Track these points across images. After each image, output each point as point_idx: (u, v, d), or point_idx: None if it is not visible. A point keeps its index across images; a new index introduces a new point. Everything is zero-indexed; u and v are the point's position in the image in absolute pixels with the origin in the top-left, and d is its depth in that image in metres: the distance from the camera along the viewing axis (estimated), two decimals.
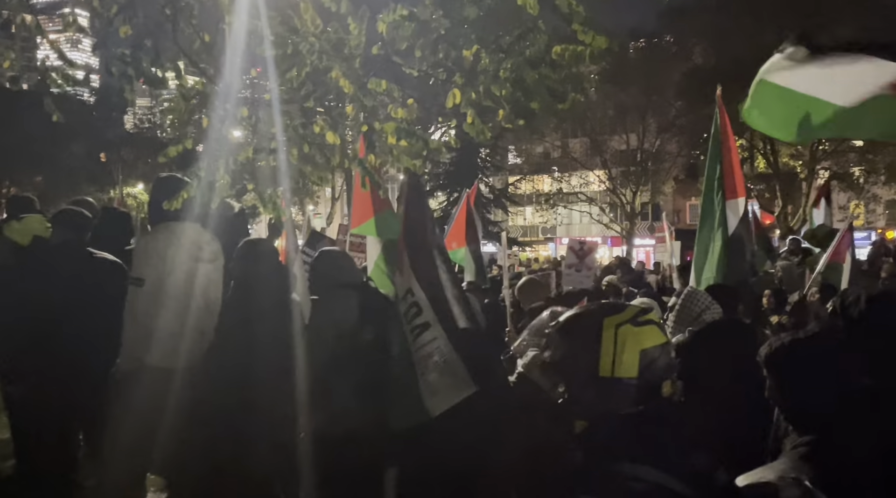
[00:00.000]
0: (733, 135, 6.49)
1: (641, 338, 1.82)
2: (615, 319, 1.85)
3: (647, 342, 1.83)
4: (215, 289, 4.60)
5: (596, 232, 41.62)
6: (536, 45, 3.53)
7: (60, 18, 17.38)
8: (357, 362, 3.96)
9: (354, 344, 4.02)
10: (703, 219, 6.26)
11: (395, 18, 3.69)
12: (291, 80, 4.04)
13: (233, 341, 4.20)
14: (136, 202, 38.50)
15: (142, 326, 4.34)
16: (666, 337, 1.87)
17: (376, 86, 3.95)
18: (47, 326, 4.53)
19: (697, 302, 4.30)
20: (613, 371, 1.80)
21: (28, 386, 4.62)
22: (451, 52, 3.74)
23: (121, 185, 40.75)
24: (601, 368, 1.81)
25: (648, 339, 1.83)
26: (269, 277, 4.35)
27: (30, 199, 6.13)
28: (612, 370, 1.80)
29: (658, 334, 1.85)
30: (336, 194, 36.26)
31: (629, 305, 1.94)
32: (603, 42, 3.30)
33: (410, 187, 4.22)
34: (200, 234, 4.58)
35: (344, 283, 4.25)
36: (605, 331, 1.83)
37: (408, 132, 4.01)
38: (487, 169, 39.05)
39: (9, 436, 5.20)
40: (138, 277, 4.41)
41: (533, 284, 6.98)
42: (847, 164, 30.95)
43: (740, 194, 6.33)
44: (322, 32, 3.86)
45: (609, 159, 37.94)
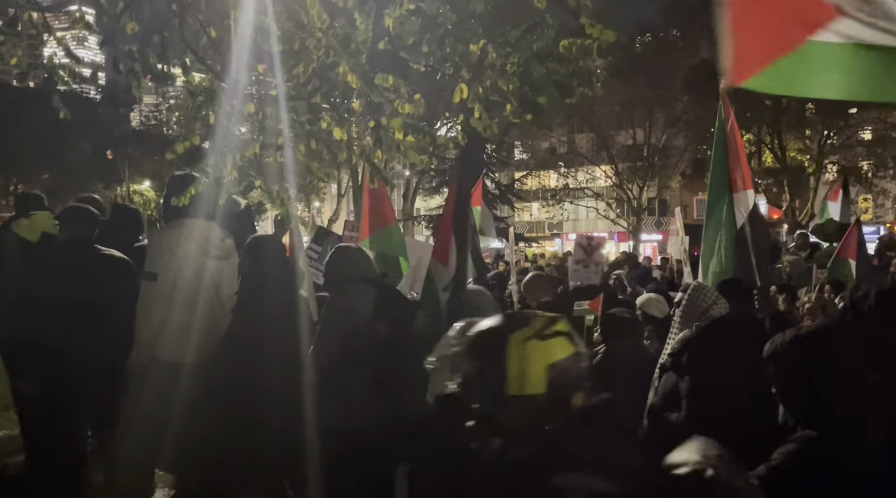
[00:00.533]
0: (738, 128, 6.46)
1: (548, 352, 1.78)
2: (521, 335, 1.80)
3: (554, 355, 1.78)
4: (228, 285, 4.61)
5: (602, 227, 41.55)
6: (544, 40, 3.52)
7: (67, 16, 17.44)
8: (372, 357, 3.96)
9: (369, 338, 4.02)
10: (710, 213, 6.24)
11: (402, 13, 3.68)
12: (298, 75, 4.04)
13: (241, 337, 4.22)
14: (142, 199, 38.63)
15: (155, 320, 4.36)
16: (575, 346, 1.82)
17: (383, 81, 3.94)
18: (55, 323, 4.54)
19: (704, 297, 4.28)
20: (521, 389, 1.75)
21: (37, 382, 4.65)
22: (457, 47, 3.72)
23: (127, 182, 40.86)
24: (509, 387, 1.76)
25: (556, 351, 1.78)
26: (277, 272, 4.36)
27: (38, 196, 6.15)
28: (520, 388, 1.76)
29: (566, 346, 1.80)
30: (342, 191, 36.26)
31: (537, 317, 1.87)
32: (611, 35, 3.28)
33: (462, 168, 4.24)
34: (213, 230, 4.59)
35: (360, 277, 4.24)
36: (511, 348, 1.78)
37: (415, 128, 4.01)
38: (494, 164, 39.00)
39: (18, 431, 5.24)
40: (151, 272, 4.43)
41: (539, 280, 6.98)
42: (855, 158, 30.81)
43: (748, 187, 6.30)
44: (329, 28, 3.85)
45: (616, 154, 37.84)
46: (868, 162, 31.00)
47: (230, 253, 4.66)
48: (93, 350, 4.55)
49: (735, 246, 5.97)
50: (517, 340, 1.79)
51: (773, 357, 2.57)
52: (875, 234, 23.88)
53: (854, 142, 29.50)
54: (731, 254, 5.93)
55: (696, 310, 4.23)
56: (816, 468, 2.33)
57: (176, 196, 4.19)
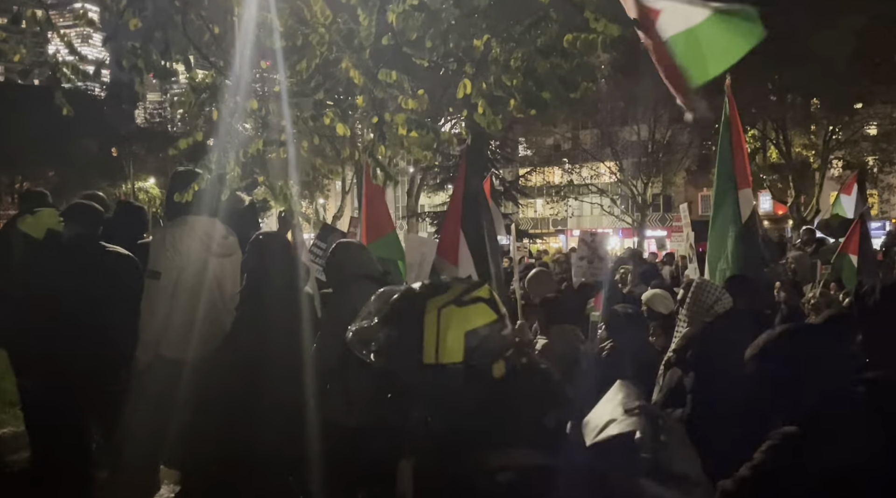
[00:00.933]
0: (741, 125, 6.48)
1: (466, 318, 1.69)
2: (438, 301, 1.71)
3: (473, 322, 1.69)
4: (231, 282, 4.61)
5: (607, 223, 41.48)
6: (548, 34, 3.50)
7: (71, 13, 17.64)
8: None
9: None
10: (717, 210, 6.24)
11: (405, 9, 3.66)
12: (301, 72, 4.03)
13: (244, 333, 4.22)
14: (147, 196, 38.70)
15: (159, 318, 4.36)
16: (496, 314, 1.73)
17: (386, 77, 3.93)
18: (61, 320, 4.55)
19: (708, 294, 4.28)
20: (437, 357, 1.67)
21: (42, 380, 4.66)
22: (461, 43, 3.71)
23: (132, 179, 40.93)
24: (425, 355, 1.68)
25: (475, 318, 1.70)
26: (281, 269, 4.35)
27: (43, 193, 6.16)
28: (437, 356, 1.67)
29: (486, 312, 1.72)
30: (347, 188, 36.26)
31: (455, 284, 1.79)
32: (616, 30, 3.26)
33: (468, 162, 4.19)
34: (216, 227, 4.59)
35: (362, 274, 4.22)
36: (428, 314, 1.70)
37: (418, 124, 3.99)
38: (498, 161, 38.94)
39: (24, 428, 5.25)
40: (155, 270, 4.43)
41: (542, 276, 6.97)
42: (861, 153, 30.71)
43: (749, 184, 6.33)
44: (332, 23, 3.84)
45: (620, 150, 37.74)
46: (874, 157, 30.89)
47: (233, 250, 4.66)
48: (98, 347, 4.55)
49: (740, 243, 5.97)
50: (434, 306, 1.71)
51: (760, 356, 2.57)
52: (881, 229, 23.80)
53: (859, 137, 29.37)
54: (736, 250, 5.94)
55: (702, 307, 4.23)
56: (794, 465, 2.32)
57: (179, 193, 4.19)
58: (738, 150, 6.28)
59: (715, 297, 4.25)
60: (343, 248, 4.51)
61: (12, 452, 5.71)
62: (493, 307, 1.75)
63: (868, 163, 30.77)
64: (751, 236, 6.11)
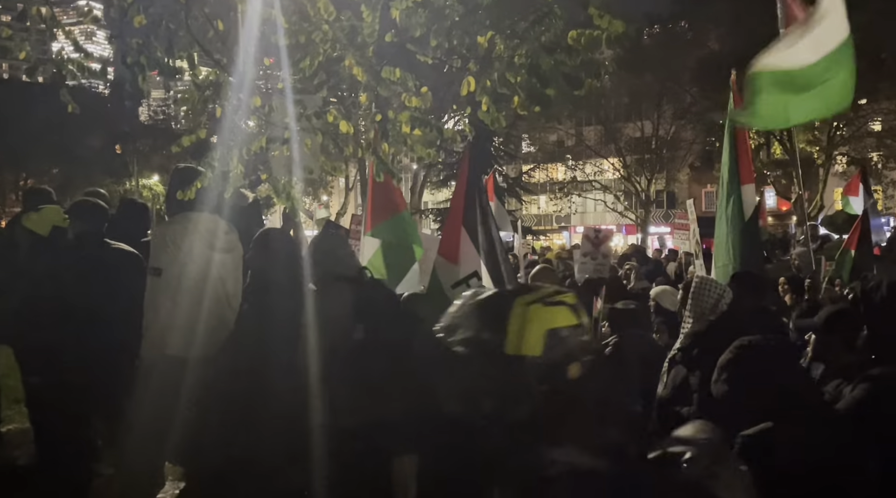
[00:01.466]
0: None
1: (550, 317, 1.81)
2: (526, 299, 1.84)
3: (555, 322, 1.80)
4: (234, 279, 4.61)
5: (610, 220, 41.44)
6: (552, 31, 3.49)
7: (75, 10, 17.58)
8: (350, 359, 3.93)
9: (347, 342, 3.99)
10: (720, 206, 6.25)
11: (409, 5, 3.66)
12: (305, 69, 4.03)
13: (248, 331, 4.21)
14: (151, 193, 38.74)
15: (161, 315, 4.36)
16: (578, 319, 1.84)
17: (390, 74, 3.93)
18: (66, 317, 4.56)
19: (710, 292, 4.26)
20: (518, 349, 1.78)
21: (47, 376, 4.67)
22: (465, 39, 3.70)
23: (136, 176, 40.99)
24: (507, 346, 1.79)
25: (557, 319, 1.81)
26: (285, 266, 4.35)
27: (47, 190, 6.17)
28: (518, 348, 1.78)
29: (569, 316, 1.82)
30: (350, 185, 36.28)
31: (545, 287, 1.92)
32: (619, 26, 3.25)
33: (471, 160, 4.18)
34: (217, 224, 4.59)
35: (338, 275, 4.19)
36: (515, 308, 1.81)
37: (422, 121, 3.99)
38: (501, 158, 38.92)
39: (29, 425, 5.27)
40: (156, 266, 4.43)
41: (546, 273, 6.96)
42: (865, 149, 30.62)
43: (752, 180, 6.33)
44: (335, 21, 3.84)
45: (623, 147, 37.69)
46: (878, 153, 30.80)
47: (234, 246, 4.66)
48: (103, 344, 4.56)
49: (742, 239, 5.97)
50: (521, 302, 1.82)
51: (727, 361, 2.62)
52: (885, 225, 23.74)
53: (864, 133, 29.29)
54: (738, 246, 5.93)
55: (705, 305, 4.21)
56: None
57: (180, 190, 4.19)
58: (742, 144, 6.29)
59: (717, 294, 4.23)
60: (321, 245, 4.44)
61: (17, 449, 5.72)
62: (575, 313, 1.85)
63: (872, 159, 30.69)
64: (754, 232, 6.11)
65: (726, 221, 6.13)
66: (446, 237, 4.18)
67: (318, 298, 4.13)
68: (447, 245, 4.14)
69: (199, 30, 3.91)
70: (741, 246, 5.95)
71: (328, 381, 3.93)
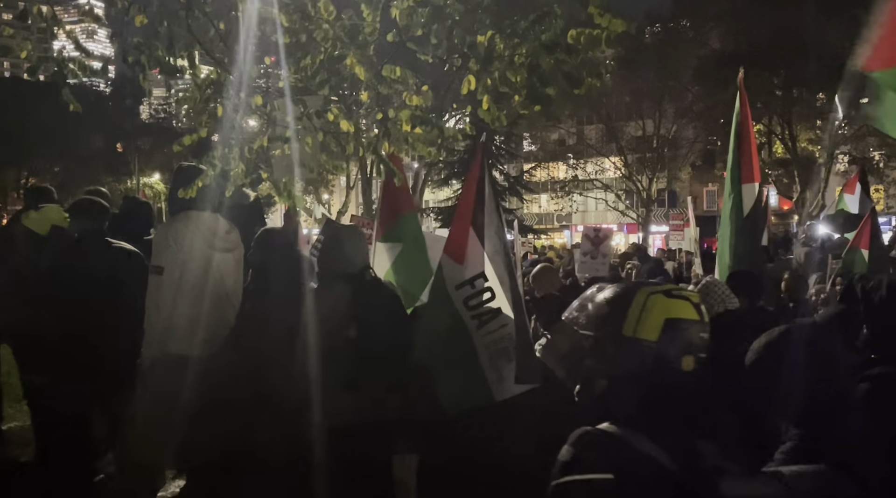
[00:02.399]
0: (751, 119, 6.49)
1: (669, 307, 1.90)
2: (650, 289, 1.96)
3: (674, 313, 1.90)
4: (234, 277, 4.62)
5: (612, 219, 41.43)
6: (552, 30, 3.49)
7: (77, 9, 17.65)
8: (345, 359, 3.93)
9: (342, 341, 3.98)
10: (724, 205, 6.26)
11: (409, 5, 3.66)
12: (306, 68, 4.03)
13: (248, 330, 4.22)
14: (152, 192, 38.76)
15: (163, 314, 4.37)
16: (699, 316, 1.92)
17: (391, 73, 3.92)
18: (67, 316, 4.57)
19: (713, 294, 4.23)
20: (635, 331, 1.88)
21: (49, 375, 4.68)
22: (465, 38, 3.70)
23: (137, 174, 41.01)
24: (625, 327, 1.89)
25: (677, 310, 1.91)
26: (286, 265, 4.35)
27: (48, 189, 6.18)
28: (634, 330, 1.88)
29: (689, 310, 1.92)
30: (351, 183, 36.29)
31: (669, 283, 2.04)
32: (620, 25, 3.25)
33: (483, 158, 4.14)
34: (218, 222, 4.59)
35: (340, 273, 4.18)
36: (638, 296, 1.93)
37: (423, 120, 3.99)
38: (502, 156, 38.92)
39: (30, 423, 5.28)
40: (157, 265, 4.44)
41: (547, 272, 6.95)
42: (867, 148, 30.59)
43: (756, 179, 6.31)
44: (336, 20, 3.84)
45: (625, 146, 37.68)
46: (880, 152, 30.77)
47: (235, 245, 4.66)
48: (104, 342, 4.57)
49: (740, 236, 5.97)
50: (645, 291, 1.95)
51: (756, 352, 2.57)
52: (887, 224, 23.74)
53: (865, 132, 29.23)
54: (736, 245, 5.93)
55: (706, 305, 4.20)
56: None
57: (182, 189, 4.19)
58: (746, 143, 6.28)
59: (720, 297, 4.21)
60: (332, 239, 4.42)
61: (19, 447, 5.73)
62: (697, 310, 1.95)
63: (874, 158, 30.66)
64: (752, 230, 6.10)
65: (729, 221, 6.14)
66: (453, 237, 4.13)
67: (320, 296, 4.13)
68: (454, 245, 4.09)
69: (200, 29, 3.91)
70: (738, 244, 5.96)
71: (321, 380, 3.93)
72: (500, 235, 4.02)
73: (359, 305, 4.00)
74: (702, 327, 1.93)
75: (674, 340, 1.88)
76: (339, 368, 3.87)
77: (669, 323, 1.88)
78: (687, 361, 1.88)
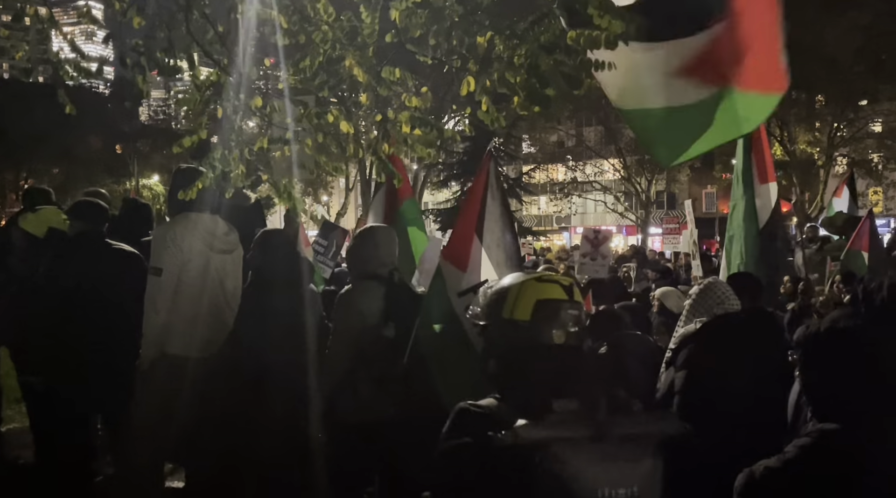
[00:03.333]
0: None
1: (540, 290, 2.17)
2: (526, 276, 2.25)
3: (544, 294, 2.16)
4: (233, 279, 4.61)
5: (610, 221, 41.45)
6: (551, 31, 3.49)
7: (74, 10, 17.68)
8: (378, 358, 3.96)
9: (377, 341, 4.01)
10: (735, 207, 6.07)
11: (408, 6, 3.65)
12: (305, 69, 4.02)
13: (248, 331, 4.22)
14: (151, 193, 38.74)
15: (161, 315, 4.36)
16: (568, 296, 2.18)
17: (390, 74, 3.92)
18: (65, 317, 4.56)
19: (714, 294, 4.23)
20: (512, 313, 2.16)
21: (47, 376, 4.67)
22: (464, 39, 3.69)
23: (136, 176, 40.99)
24: (504, 311, 2.18)
25: (546, 292, 2.17)
26: (285, 266, 4.35)
27: (46, 191, 6.17)
28: (511, 313, 2.16)
29: (558, 291, 2.18)
30: (350, 185, 36.27)
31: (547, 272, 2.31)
32: (619, 26, 3.25)
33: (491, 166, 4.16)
34: (217, 224, 4.59)
35: (371, 274, 4.20)
36: (515, 283, 2.21)
37: (422, 121, 3.98)
38: (501, 158, 38.90)
39: (28, 425, 5.27)
40: (157, 266, 4.44)
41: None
42: (865, 150, 30.60)
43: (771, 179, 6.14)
44: (335, 21, 3.84)
45: (624, 148, 37.65)
46: (878, 154, 30.77)
47: (234, 247, 4.66)
48: (103, 344, 4.56)
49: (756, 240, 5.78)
50: (522, 279, 2.24)
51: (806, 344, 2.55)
52: (885, 226, 23.76)
53: (864, 134, 29.26)
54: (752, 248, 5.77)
55: (704, 306, 4.19)
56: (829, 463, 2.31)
57: (181, 190, 4.19)
58: (757, 142, 6.07)
59: (720, 297, 4.20)
60: (362, 239, 4.42)
61: (18, 449, 5.72)
62: (566, 291, 2.20)
63: (872, 160, 30.67)
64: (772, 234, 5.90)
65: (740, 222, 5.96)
66: (454, 243, 4.09)
67: (352, 297, 4.14)
68: (455, 251, 4.05)
69: (199, 30, 3.90)
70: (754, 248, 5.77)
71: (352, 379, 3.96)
72: (505, 245, 4.00)
73: (394, 307, 4.03)
74: (572, 306, 2.18)
75: (544, 318, 2.13)
76: (376, 367, 3.90)
77: (540, 304, 2.14)
78: (558, 335, 2.13)
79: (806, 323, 2.98)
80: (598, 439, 1.88)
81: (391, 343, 3.99)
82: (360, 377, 3.97)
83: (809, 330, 2.58)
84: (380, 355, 3.96)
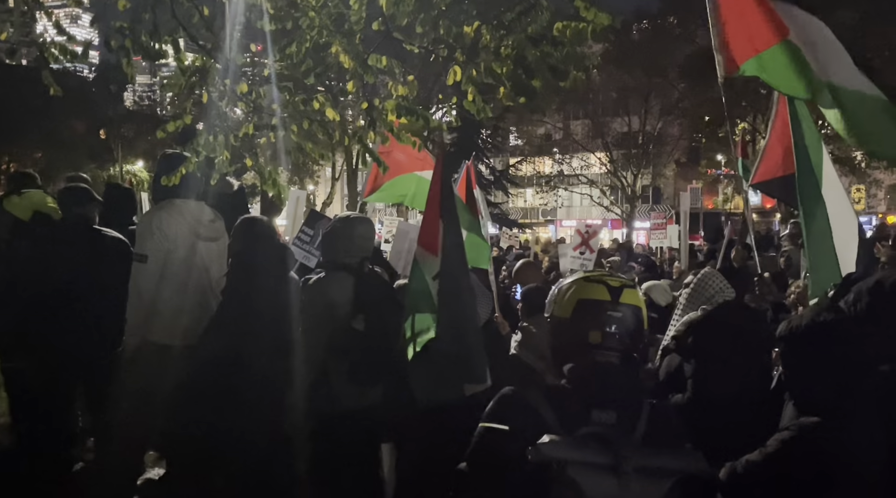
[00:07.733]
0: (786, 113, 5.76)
1: (584, 290, 2.16)
2: (578, 276, 2.24)
3: (587, 295, 2.15)
4: (218, 266, 4.59)
5: (596, 214, 41.58)
6: (538, 22, 3.50)
7: None
8: (350, 350, 3.95)
9: (347, 332, 4.00)
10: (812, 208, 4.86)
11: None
12: (292, 55, 4.01)
13: (229, 319, 4.20)
14: (135, 179, 38.42)
15: (145, 302, 4.35)
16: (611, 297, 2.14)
17: (377, 62, 3.91)
18: (50, 302, 4.53)
19: (711, 284, 4.35)
20: (554, 311, 2.20)
21: (29, 361, 4.64)
22: (452, 29, 3.70)
23: (120, 161, 40.62)
24: (553, 308, 2.22)
25: (590, 293, 2.15)
26: (267, 253, 4.33)
27: (31, 175, 6.10)
28: (553, 311, 2.21)
29: (602, 292, 2.15)
30: (336, 174, 36.12)
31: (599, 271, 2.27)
32: (605, 19, 3.26)
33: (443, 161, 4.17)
34: (204, 211, 4.57)
35: (341, 264, 4.19)
36: (567, 282, 2.23)
37: (408, 109, 3.98)
38: (488, 150, 38.89)
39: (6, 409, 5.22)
40: (142, 253, 4.41)
41: (529, 267, 6.97)
42: (848, 148, 30.82)
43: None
44: (322, 7, 3.83)
45: (610, 142, 37.80)
46: (862, 152, 31.00)
47: (220, 234, 4.64)
48: (86, 330, 4.54)
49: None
50: (574, 277, 2.25)
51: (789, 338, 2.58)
52: (867, 224, 23.97)
53: None
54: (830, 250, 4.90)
55: (703, 295, 4.29)
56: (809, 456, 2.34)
57: (166, 176, 4.16)
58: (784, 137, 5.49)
59: (718, 287, 4.31)
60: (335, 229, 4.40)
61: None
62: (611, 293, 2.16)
63: (856, 157, 30.93)
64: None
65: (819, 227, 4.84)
66: (425, 228, 4.10)
67: (321, 288, 4.13)
68: (426, 236, 4.06)
69: (185, 14, 3.87)
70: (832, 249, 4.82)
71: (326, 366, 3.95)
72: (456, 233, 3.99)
73: (363, 297, 4.02)
74: (613, 307, 2.14)
75: (584, 318, 2.13)
76: (346, 360, 3.90)
77: (581, 303, 2.14)
78: (594, 335, 2.11)
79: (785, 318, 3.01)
80: (615, 469, 1.83)
81: (362, 335, 3.97)
82: (332, 368, 3.96)
83: (790, 324, 2.62)
84: (351, 347, 3.95)
